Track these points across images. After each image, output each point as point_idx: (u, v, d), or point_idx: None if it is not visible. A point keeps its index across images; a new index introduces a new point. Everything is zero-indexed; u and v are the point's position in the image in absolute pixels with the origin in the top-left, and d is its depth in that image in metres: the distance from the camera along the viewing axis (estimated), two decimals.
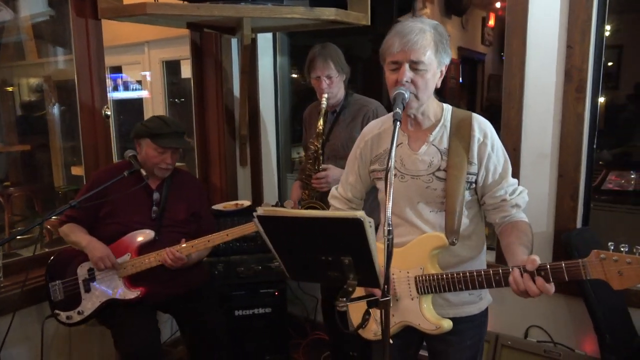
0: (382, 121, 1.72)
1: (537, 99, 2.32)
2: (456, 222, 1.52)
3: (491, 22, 5.22)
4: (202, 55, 3.21)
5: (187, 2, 2.55)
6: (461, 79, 5.05)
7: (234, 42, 3.25)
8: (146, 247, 2.26)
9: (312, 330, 3.24)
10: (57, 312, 2.26)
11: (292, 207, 2.16)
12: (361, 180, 1.75)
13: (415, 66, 1.46)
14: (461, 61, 4.99)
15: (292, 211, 1.25)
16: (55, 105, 3.57)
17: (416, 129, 1.61)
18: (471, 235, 1.60)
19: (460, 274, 1.46)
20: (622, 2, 2.47)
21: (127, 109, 4.74)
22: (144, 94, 4.44)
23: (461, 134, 1.56)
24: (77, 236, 2.25)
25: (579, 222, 2.31)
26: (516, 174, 2.27)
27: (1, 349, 2.14)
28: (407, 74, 1.45)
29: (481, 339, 1.69)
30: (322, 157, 2.44)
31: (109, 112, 2.69)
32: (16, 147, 3.48)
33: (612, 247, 1.27)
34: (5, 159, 3.54)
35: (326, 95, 2.39)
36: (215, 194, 3.28)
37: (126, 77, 4.64)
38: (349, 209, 1.81)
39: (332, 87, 2.40)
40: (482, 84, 5.37)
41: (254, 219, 1.28)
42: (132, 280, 2.26)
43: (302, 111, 2.75)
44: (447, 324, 1.53)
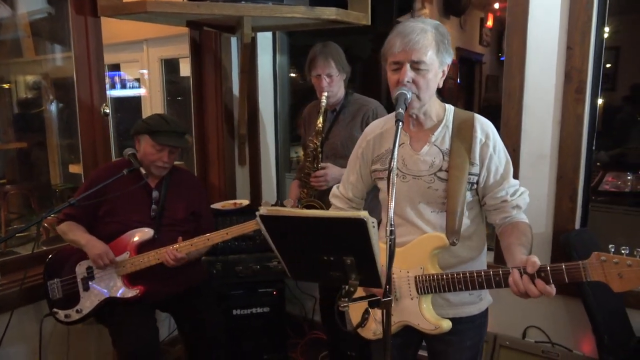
0: (384, 121, 1.72)
1: (536, 100, 2.32)
2: (457, 223, 1.52)
3: (489, 23, 5.23)
4: (202, 53, 3.20)
5: (188, 1, 2.54)
6: (459, 80, 5.05)
7: (234, 41, 3.24)
8: (145, 246, 2.25)
9: (310, 329, 3.24)
10: (55, 310, 2.25)
11: (292, 206, 2.15)
12: (362, 180, 1.75)
13: (416, 66, 1.46)
14: (459, 62, 4.99)
15: (294, 211, 1.25)
16: (52, 102, 3.55)
17: (418, 129, 1.61)
18: (472, 235, 1.60)
19: (460, 275, 1.46)
20: (620, 3, 2.48)
21: (125, 107, 4.72)
22: (142, 91, 4.43)
23: (463, 134, 1.56)
24: (76, 234, 2.24)
25: (578, 223, 2.32)
26: (515, 174, 2.26)
27: None
28: (409, 74, 1.46)
29: (481, 339, 1.70)
30: (320, 156, 2.45)
31: (108, 110, 2.68)
32: (13, 144, 3.47)
33: (613, 249, 1.27)
34: (1, 157, 3.53)
35: (326, 93, 2.39)
36: (213, 193, 3.27)
37: (124, 75, 4.62)
38: (349, 208, 1.81)
39: (333, 85, 2.40)
40: (480, 85, 5.38)
41: (257, 218, 1.27)
42: (131, 278, 2.25)
43: (301, 111, 2.74)
44: (447, 324, 1.53)
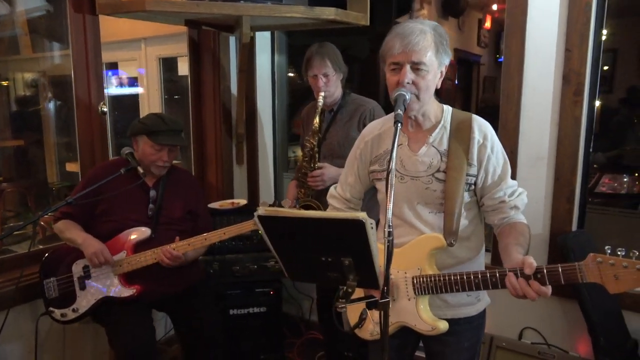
0: (382, 122, 1.72)
1: (534, 102, 2.33)
2: (455, 224, 1.52)
3: (487, 24, 5.23)
4: (200, 52, 3.20)
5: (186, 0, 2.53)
6: (457, 81, 5.06)
7: (232, 40, 3.23)
8: (142, 245, 2.25)
9: (307, 329, 3.24)
10: (51, 309, 2.24)
11: (290, 206, 2.15)
12: (360, 180, 1.75)
13: (416, 67, 1.46)
14: (457, 63, 5.00)
15: (293, 211, 1.25)
16: (50, 100, 3.54)
17: (416, 130, 1.61)
18: (470, 236, 1.61)
19: (457, 275, 1.46)
20: (618, 6, 2.48)
21: (123, 105, 4.71)
22: (140, 90, 4.42)
23: (461, 135, 1.56)
24: (73, 233, 2.23)
25: (575, 225, 2.32)
26: (513, 176, 2.26)
27: None
28: (409, 75, 1.46)
29: (478, 340, 1.70)
30: (317, 156, 2.45)
31: (106, 109, 2.67)
32: (10, 142, 3.45)
33: (609, 250, 1.27)
34: None
35: (323, 93, 2.39)
36: (211, 193, 3.27)
37: (122, 73, 4.61)
38: (347, 208, 1.81)
39: (329, 85, 2.40)
40: (478, 86, 5.39)
41: (255, 218, 1.27)
42: (128, 278, 2.24)
43: (299, 110, 2.74)
44: (443, 325, 1.53)
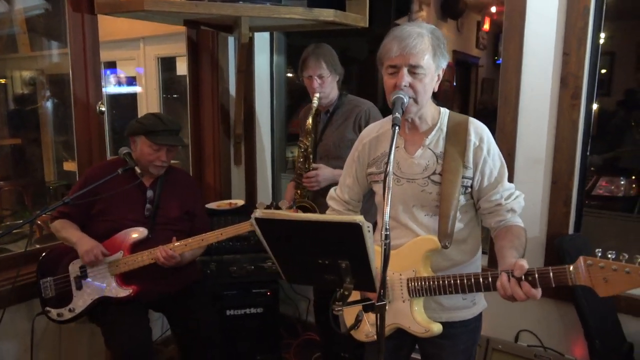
0: (380, 124, 1.73)
1: (532, 105, 2.33)
2: (449, 226, 1.52)
3: (486, 26, 5.24)
4: (199, 52, 3.19)
5: (185, 0, 2.53)
6: (455, 82, 5.07)
7: (231, 40, 3.23)
8: (139, 245, 2.24)
9: (303, 330, 3.24)
10: (48, 309, 2.24)
11: (287, 207, 2.15)
12: (358, 182, 1.75)
13: (413, 70, 1.46)
14: (455, 64, 5.01)
15: (290, 214, 1.25)
16: (48, 99, 3.53)
17: (413, 132, 1.61)
18: (466, 239, 1.61)
19: (450, 278, 1.46)
20: (615, 9, 2.49)
21: (121, 104, 4.70)
22: (138, 89, 4.41)
23: (457, 138, 1.56)
24: (68, 232, 2.23)
25: (571, 228, 2.33)
26: (510, 179, 2.26)
27: None
28: (406, 79, 1.46)
29: (474, 344, 1.70)
30: (312, 157, 2.44)
31: (104, 108, 2.66)
32: (7, 140, 3.44)
33: (600, 253, 1.28)
34: None
35: (318, 94, 2.39)
36: (209, 193, 3.26)
37: (121, 73, 4.60)
38: (346, 210, 1.81)
39: (324, 86, 2.39)
40: (476, 88, 5.40)
41: (252, 221, 1.27)
42: (125, 278, 2.24)
43: (298, 111, 2.74)
44: (437, 328, 1.53)
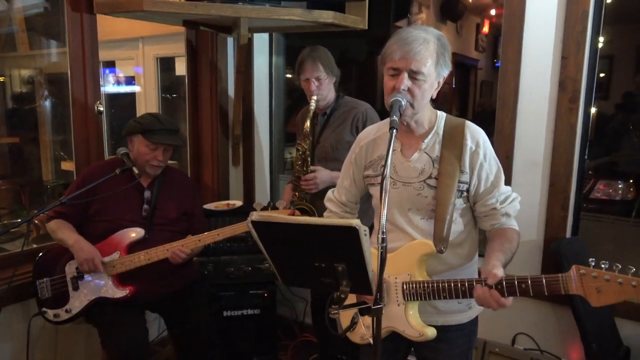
0: (378, 127, 1.72)
1: (530, 108, 2.34)
2: (445, 230, 1.52)
3: (485, 29, 5.24)
4: (197, 53, 3.19)
5: (185, 0, 2.53)
6: (454, 85, 5.07)
7: (230, 41, 3.23)
8: (136, 246, 2.24)
9: (300, 332, 3.24)
10: (44, 309, 2.23)
11: (285, 207, 2.15)
12: (356, 185, 1.75)
13: (414, 75, 1.46)
14: (454, 67, 5.01)
15: (286, 217, 1.24)
16: (46, 98, 3.52)
17: (409, 136, 1.61)
18: (462, 243, 1.61)
19: (445, 282, 1.47)
20: (614, 13, 2.49)
21: (119, 103, 4.70)
22: (137, 89, 4.40)
23: (453, 142, 1.56)
24: (64, 233, 2.22)
25: (569, 232, 2.33)
26: (508, 181, 2.28)
27: None
28: (405, 83, 1.46)
29: (470, 347, 1.70)
30: (310, 159, 2.44)
31: (102, 108, 2.66)
32: (5, 139, 3.43)
33: (593, 263, 1.27)
34: None
35: (315, 97, 2.39)
36: (207, 194, 3.26)
37: (120, 72, 4.59)
38: (343, 212, 1.81)
39: (321, 89, 2.40)
40: (475, 90, 5.40)
41: (248, 223, 1.27)
42: (121, 278, 2.24)
43: (296, 112, 2.74)
44: (431, 332, 1.53)
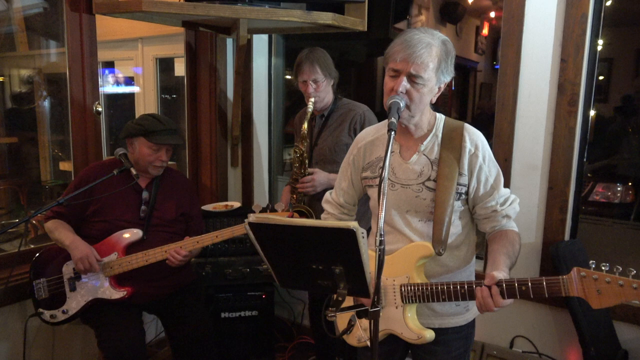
0: (375, 128, 1.72)
1: (529, 111, 2.33)
2: (444, 233, 1.52)
3: (485, 31, 5.25)
4: (197, 54, 3.19)
5: (184, 1, 2.52)
6: (453, 87, 5.07)
7: (229, 42, 3.23)
8: (134, 247, 2.24)
9: (298, 334, 3.23)
10: (41, 310, 2.22)
11: (283, 210, 2.15)
12: (353, 186, 1.75)
13: (413, 79, 1.45)
14: (454, 69, 5.00)
15: (284, 219, 1.24)
16: (45, 98, 3.52)
17: (408, 138, 1.61)
18: (460, 245, 1.60)
19: (444, 285, 1.46)
20: (613, 16, 2.49)
21: (118, 104, 4.69)
22: (136, 89, 4.40)
23: (452, 144, 1.56)
24: (62, 234, 2.21)
25: (567, 235, 2.33)
26: (507, 184, 2.28)
27: None
28: (404, 85, 1.45)
29: (467, 350, 1.69)
30: (307, 161, 2.44)
31: (100, 109, 2.66)
32: (3, 139, 3.43)
33: (594, 265, 1.27)
34: None
35: (313, 99, 2.39)
36: (205, 195, 3.26)
37: (119, 72, 4.59)
38: (341, 214, 1.81)
39: (319, 91, 2.40)
40: (474, 92, 5.40)
41: (245, 225, 1.27)
42: (118, 279, 2.23)
43: (295, 113, 2.74)
44: (429, 335, 1.53)
